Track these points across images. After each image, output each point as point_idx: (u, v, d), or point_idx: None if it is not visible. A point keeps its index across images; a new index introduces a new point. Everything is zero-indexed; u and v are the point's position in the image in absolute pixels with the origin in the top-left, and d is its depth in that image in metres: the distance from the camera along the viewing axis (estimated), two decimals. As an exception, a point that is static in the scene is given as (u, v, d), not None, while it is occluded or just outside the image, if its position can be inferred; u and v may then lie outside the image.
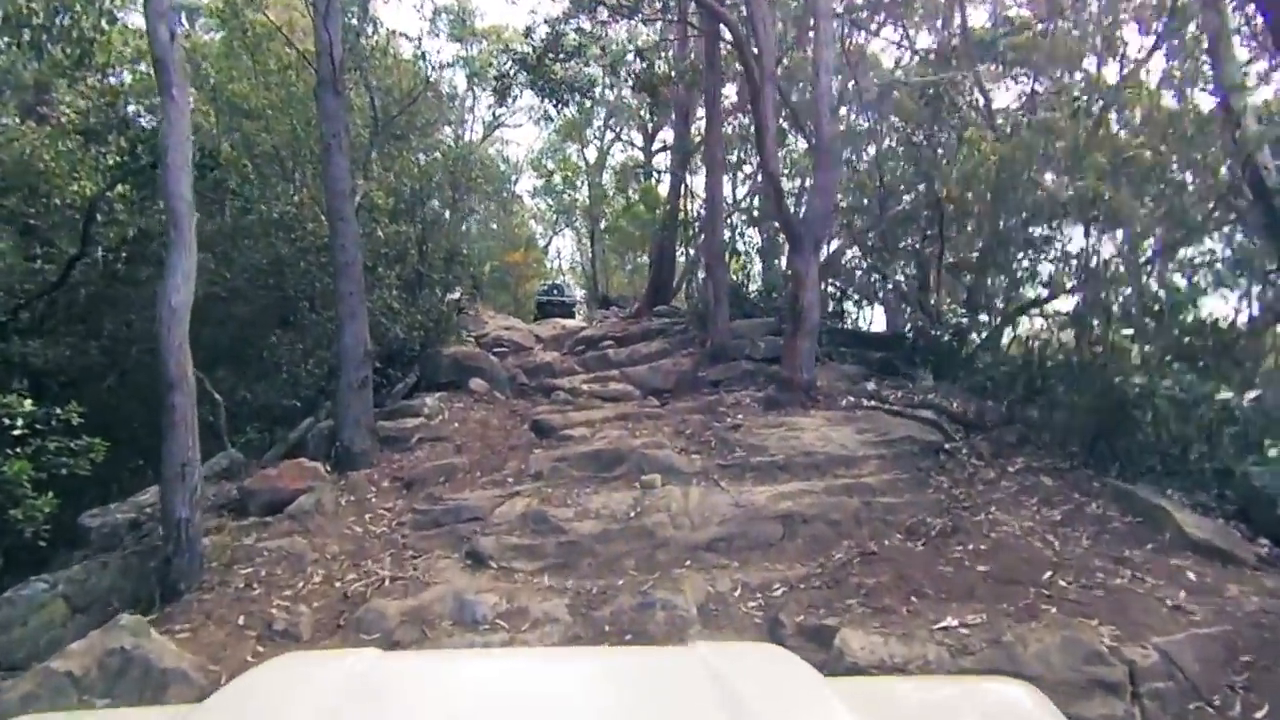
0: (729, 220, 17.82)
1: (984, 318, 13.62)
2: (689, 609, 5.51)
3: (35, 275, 12.14)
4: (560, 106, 14.07)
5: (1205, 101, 11.59)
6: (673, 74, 15.39)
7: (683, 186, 20.44)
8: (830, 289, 15.00)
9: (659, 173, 26.46)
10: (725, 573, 6.14)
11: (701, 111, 22.41)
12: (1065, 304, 13.40)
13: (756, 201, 22.36)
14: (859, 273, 15.69)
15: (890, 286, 13.38)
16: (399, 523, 7.72)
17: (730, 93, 18.38)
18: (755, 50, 10.19)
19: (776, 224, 18.14)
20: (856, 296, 15.23)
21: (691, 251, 20.50)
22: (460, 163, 16.12)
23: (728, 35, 11.87)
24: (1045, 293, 13.17)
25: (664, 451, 8.06)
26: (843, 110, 15.59)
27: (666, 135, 30.95)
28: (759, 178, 23.65)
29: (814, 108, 10.41)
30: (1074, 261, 11.98)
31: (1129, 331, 7.39)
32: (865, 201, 13.33)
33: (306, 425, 10.40)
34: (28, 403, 6.85)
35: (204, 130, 13.98)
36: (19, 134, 12.27)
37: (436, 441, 9.79)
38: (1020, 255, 13.02)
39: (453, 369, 12.78)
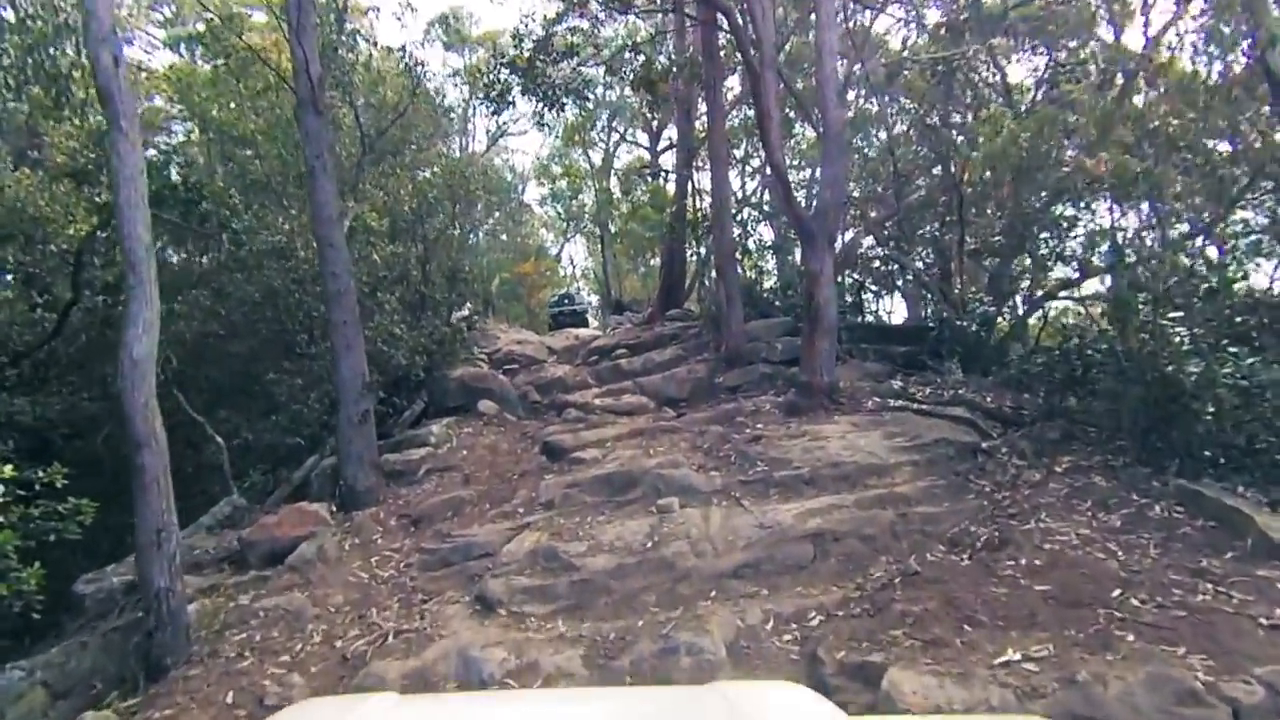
0: (739, 216, 17.28)
1: (1010, 304, 13.03)
2: (716, 650, 5.01)
3: (35, 325, 11.89)
4: (555, 110, 13.58)
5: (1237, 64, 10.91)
6: (672, 69, 14.87)
7: (689, 184, 19.91)
8: (847, 280, 14.43)
9: (665, 172, 25.94)
10: (754, 603, 5.63)
11: (704, 106, 22.06)
12: (1094, 286, 12.94)
13: (766, 196, 21.84)
14: (876, 263, 15.12)
15: (911, 276, 12.76)
16: (406, 564, 7.29)
17: (733, 84, 17.88)
18: (754, 36, 9.68)
19: (784, 222, 17.69)
20: (875, 288, 14.63)
21: (703, 251, 19.98)
22: (459, 175, 15.72)
23: (726, 24, 11.36)
24: (1074, 275, 12.58)
25: (680, 470, 7.56)
26: (850, 95, 15.01)
27: (672, 133, 30.51)
28: (768, 170, 23.20)
29: (818, 94, 9.86)
30: (1104, 240, 11.37)
31: (1177, 314, 6.76)
32: (879, 189, 12.74)
33: (311, 464, 10.02)
34: (8, 468, 6.47)
35: (196, 163, 13.74)
36: (12, 180, 12.04)
37: (444, 472, 9.36)
38: (1046, 236, 12.44)
39: (460, 392, 12.37)
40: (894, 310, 19.46)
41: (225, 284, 11.03)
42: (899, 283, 15.79)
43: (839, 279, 11.84)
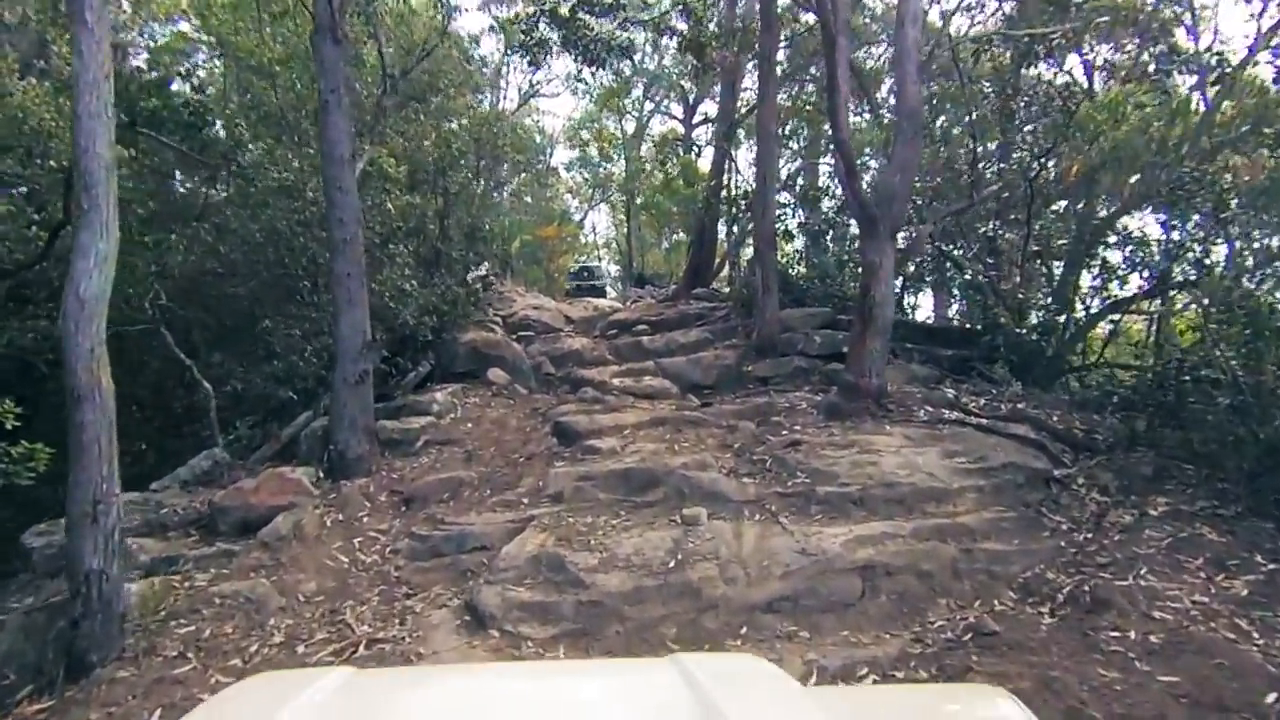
0: (778, 199, 16.22)
1: (1070, 314, 11.95)
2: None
3: (29, 244, 11.08)
4: (596, 68, 12.52)
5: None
6: (719, 35, 13.76)
7: (727, 161, 18.83)
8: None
9: (699, 147, 24.79)
10: (793, 648, 4.76)
11: (749, 81, 20.84)
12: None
13: (801, 180, 20.72)
14: (926, 261, 14.07)
15: (968, 276, 11.72)
16: (392, 550, 6.46)
17: (781, 58, 16.68)
18: (828, -3, 8.61)
19: (825, 208, 16.58)
20: (926, 287, 13.59)
21: (735, 231, 18.93)
22: (487, 129, 14.72)
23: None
24: (1144, 286, 11.49)
25: (709, 473, 6.66)
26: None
27: (708, 108, 29.27)
28: (806, 154, 22.00)
29: (896, 67, 8.79)
30: (1189, 253, 10.30)
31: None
32: (937, 180, 11.66)
33: (303, 421, 9.20)
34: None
35: (208, 89, 12.80)
36: (17, 90, 11.17)
37: (445, 445, 8.52)
38: (1115, 242, 11.37)
39: (470, 357, 11.50)
40: (919, 307, 18.45)
41: (229, 220, 10.13)
42: (951, 284, 14.78)
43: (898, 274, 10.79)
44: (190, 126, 9.26)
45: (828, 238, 14.42)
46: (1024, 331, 10.75)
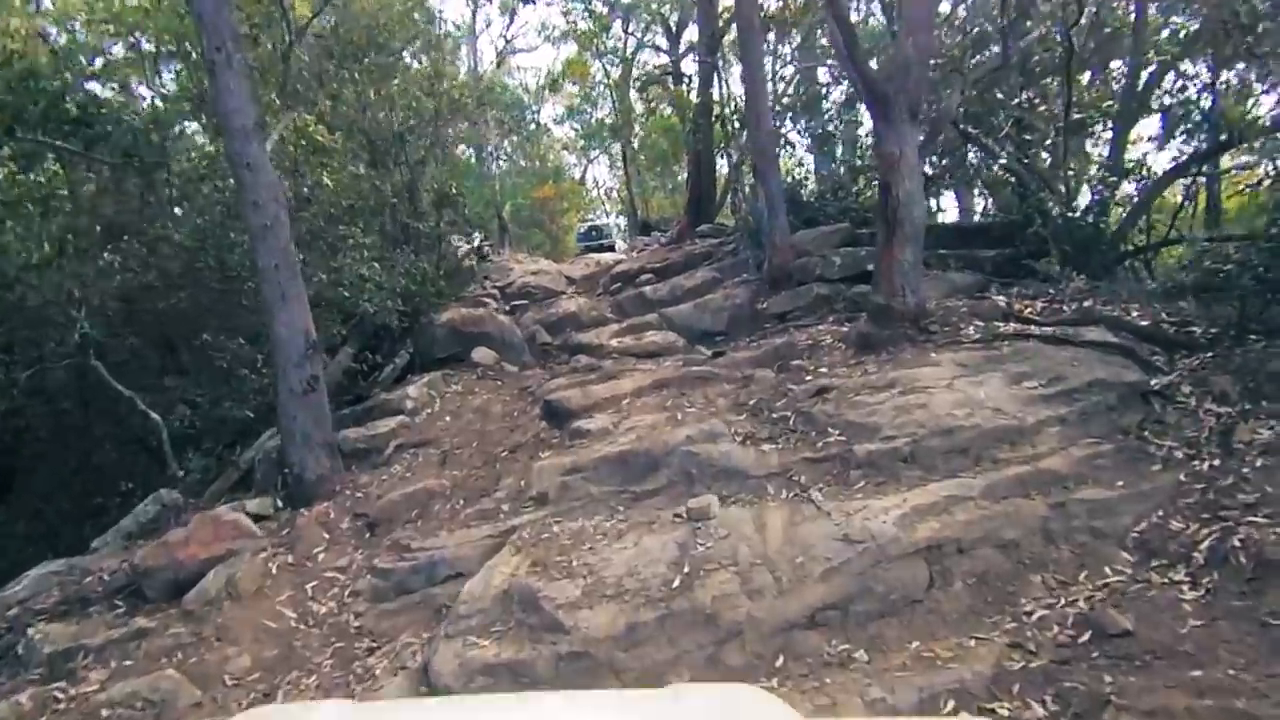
0: (774, 109, 14.54)
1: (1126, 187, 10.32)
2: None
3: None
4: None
5: None
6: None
7: (714, 76, 17.09)
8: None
9: (688, 77, 22.99)
10: (847, 679, 3.52)
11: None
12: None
13: (802, 91, 18.92)
14: (945, 151, 12.40)
15: (1003, 160, 10.11)
16: (352, 592, 5.34)
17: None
18: None
19: (826, 109, 14.82)
20: (946, 186, 11.98)
21: (733, 154, 17.27)
22: (445, 84, 13.26)
23: None
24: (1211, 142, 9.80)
25: (720, 445, 5.38)
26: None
27: (692, 33, 27.21)
28: (801, 58, 20.05)
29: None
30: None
31: None
32: (960, 41, 9.96)
33: (264, 443, 8.09)
34: None
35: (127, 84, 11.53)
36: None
37: (419, 449, 7.35)
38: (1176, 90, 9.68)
39: (451, 339, 10.26)
40: (944, 210, 16.72)
41: (145, 225, 8.95)
42: (973, 175, 13.15)
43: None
44: (77, 122, 7.99)
45: (834, 143, 12.77)
46: (1076, 215, 9.18)
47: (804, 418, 5.57)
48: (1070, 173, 9.18)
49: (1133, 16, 10.19)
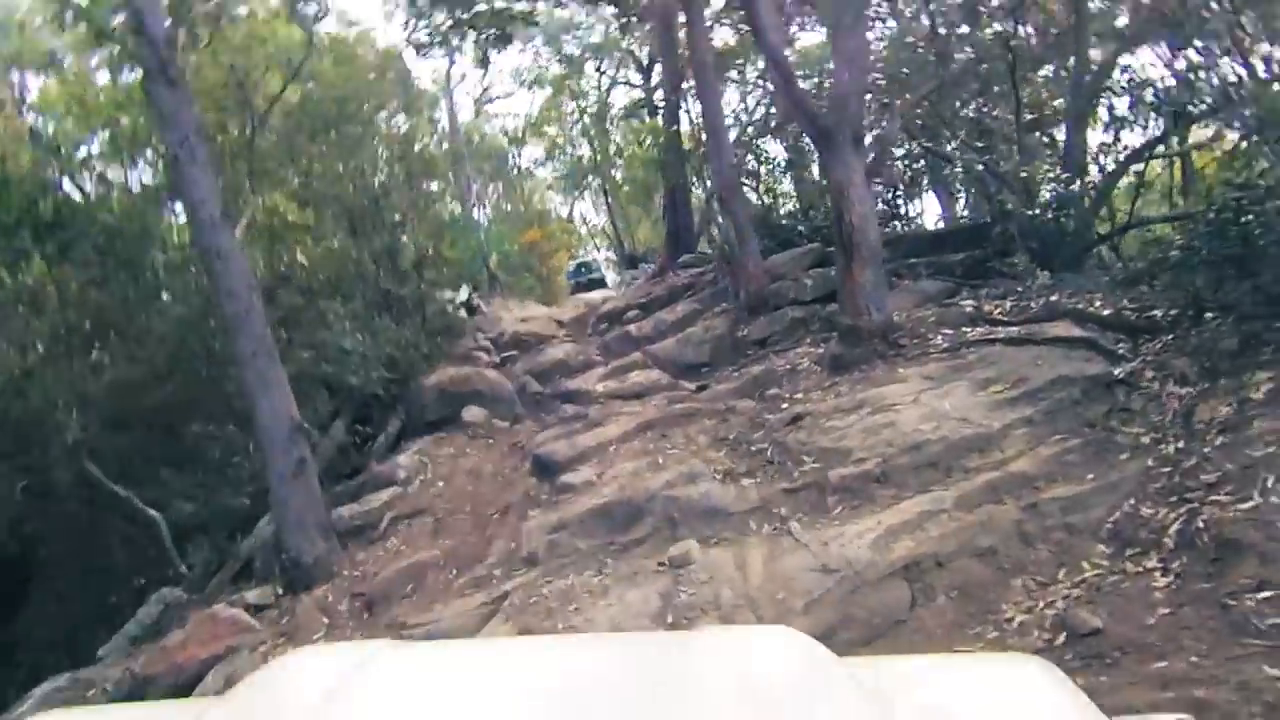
0: (746, 136, 14.82)
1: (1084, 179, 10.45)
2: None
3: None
4: (502, 43, 11.24)
5: None
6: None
7: (680, 110, 17.39)
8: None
9: (660, 109, 23.46)
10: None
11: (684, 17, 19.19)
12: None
13: (774, 110, 19.20)
14: (904, 160, 12.59)
15: (960, 169, 10.28)
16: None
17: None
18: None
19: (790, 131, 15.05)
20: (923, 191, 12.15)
21: (707, 183, 17.50)
22: (410, 149, 13.53)
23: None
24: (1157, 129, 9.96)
25: (700, 486, 5.45)
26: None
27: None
28: (769, 80, 20.34)
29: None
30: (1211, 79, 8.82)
31: None
32: (904, 71, 10.19)
33: (260, 531, 8.16)
34: None
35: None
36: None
37: (413, 519, 7.41)
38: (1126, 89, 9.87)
39: (441, 401, 10.32)
40: (924, 213, 16.91)
41: (125, 321, 9.12)
42: (936, 180, 13.33)
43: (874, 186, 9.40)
44: (53, 226, 8.18)
45: (802, 165, 12.97)
46: (1038, 212, 9.31)
47: (780, 448, 5.65)
48: (1024, 173, 9.29)
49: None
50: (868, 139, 7.25)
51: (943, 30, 9.14)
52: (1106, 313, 6.43)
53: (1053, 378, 5.25)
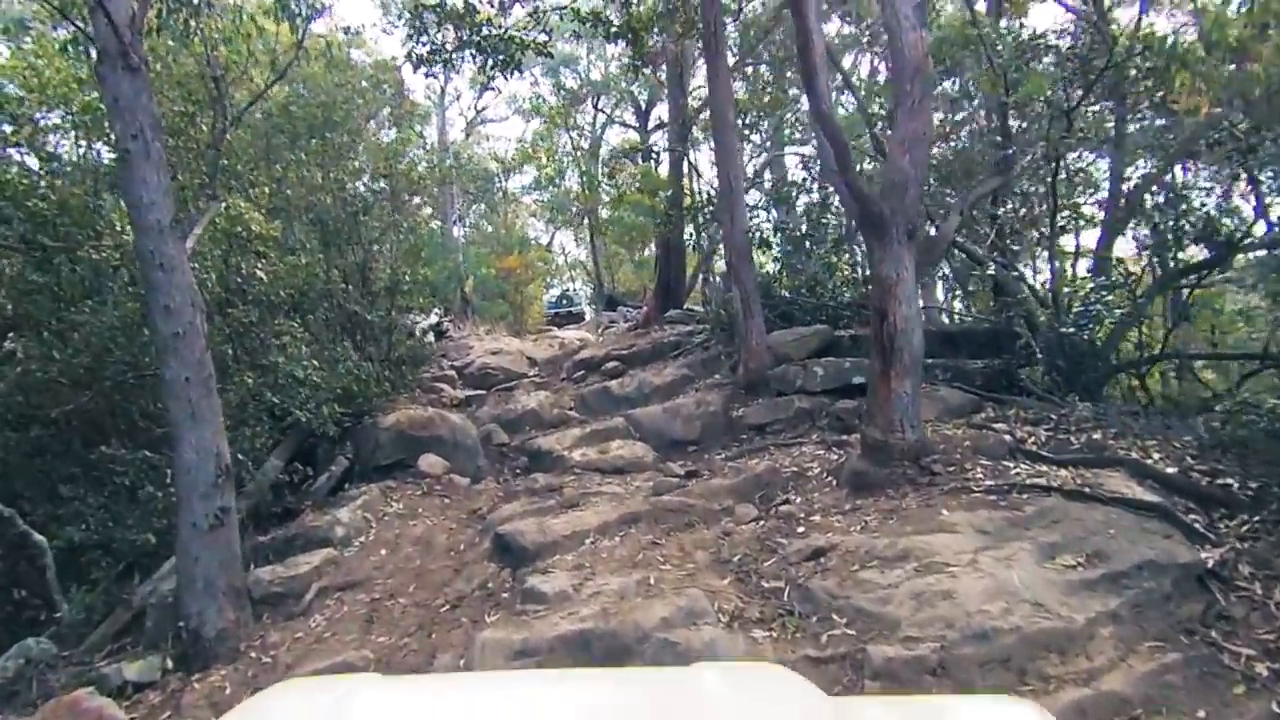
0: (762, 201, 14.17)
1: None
2: None
3: None
4: (510, 72, 10.37)
5: None
6: (656, 15, 11.65)
7: (685, 164, 16.75)
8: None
9: (656, 154, 22.85)
10: None
11: (699, 79, 18.64)
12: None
13: (767, 175, 18.70)
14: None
15: (990, 270, 9.64)
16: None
17: (730, 32, 14.62)
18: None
19: (801, 205, 14.43)
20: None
21: (705, 240, 16.78)
22: (395, 164, 12.54)
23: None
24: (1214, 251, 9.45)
25: (704, 631, 4.47)
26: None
27: (661, 111, 27.22)
28: (772, 147, 19.85)
29: (883, 13, 6.68)
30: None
31: None
32: (973, 163, 9.54)
33: (158, 579, 6.93)
34: None
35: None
36: None
37: (345, 592, 6.30)
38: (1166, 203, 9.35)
39: (396, 444, 9.22)
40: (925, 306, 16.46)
41: (49, 318, 7.91)
42: (960, 277, 12.78)
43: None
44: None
45: (809, 242, 12.27)
46: (1068, 328, 8.66)
47: (801, 592, 4.70)
48: (1055, 285, 8.67)
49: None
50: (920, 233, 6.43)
51: (1014, 122, 8.45)
52: (1171, 470, 5.67)
53: (1138, 561, 4.40)
